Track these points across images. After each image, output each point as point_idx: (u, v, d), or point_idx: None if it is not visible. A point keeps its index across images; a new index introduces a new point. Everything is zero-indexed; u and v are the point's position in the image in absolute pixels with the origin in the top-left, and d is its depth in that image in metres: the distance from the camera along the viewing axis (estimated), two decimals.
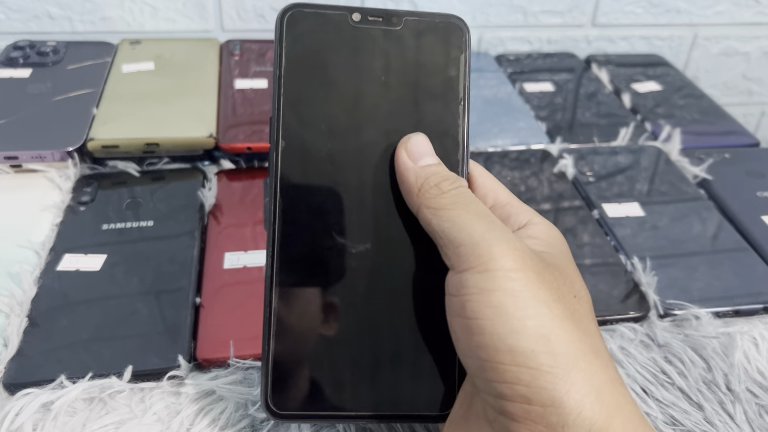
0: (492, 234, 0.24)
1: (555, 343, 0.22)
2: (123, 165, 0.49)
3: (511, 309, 0.22)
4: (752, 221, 0.48)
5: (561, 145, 0.56)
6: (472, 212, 0.25)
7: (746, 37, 0.78)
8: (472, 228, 0.24)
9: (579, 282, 0.26)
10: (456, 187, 0.26)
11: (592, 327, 0.24)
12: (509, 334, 0.22)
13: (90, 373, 0.34)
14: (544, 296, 0.23)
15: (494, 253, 0.23)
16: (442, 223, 0.25)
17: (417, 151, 0.27)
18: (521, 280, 0.23)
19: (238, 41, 0.65)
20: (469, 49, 0.28)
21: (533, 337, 0.22)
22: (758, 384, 0.37)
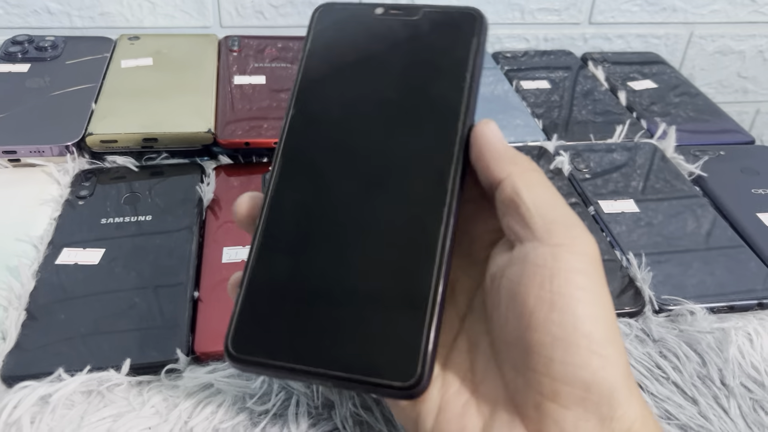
0: (580, 222, 0.25)
1: (616, 338, 0.23)
2: (122, 160, 0.50)
3: (594, 295, 0.23)
4: (747, 218, 0.49)
5: (557, 143, 0.57)
6: (560, 197, 0.25)
7: (741, 36, 0.79)
8: (564, 210, 0.25)
9: None
10: (540, 170, 0.27)
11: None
12: (591, 319, 0.22)
13: (88, 367, 0.34)
14: (608, 293, 0.24)
15: (586, 239, 0.24)
16: (536, 198, 0.25)
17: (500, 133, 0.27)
18: (601, 272, 0.24)
19: (237, 37, 0.65)
20: (483, 36, 0.29)
21: (607, 327, 0.22)
22: (752, 379, 0.37)
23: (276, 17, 0.68)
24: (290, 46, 0.64)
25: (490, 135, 0.27)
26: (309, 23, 0.31)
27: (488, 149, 0.26)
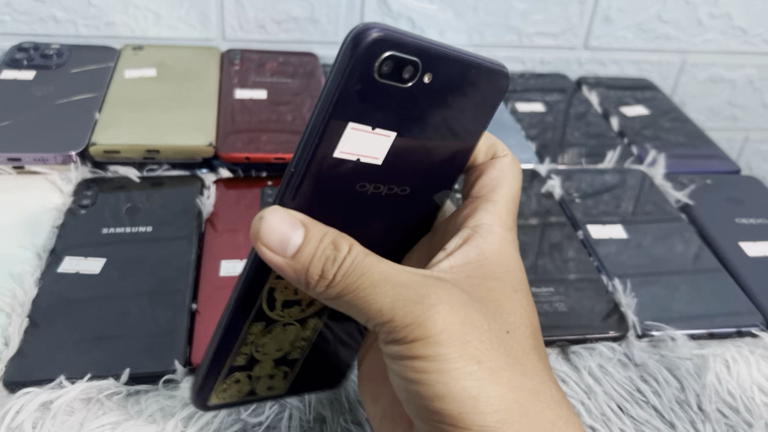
0: (402, 301, 0.22)
1: (484, 403, 0.22)
2: (123, 170, 0.51)
3: (435, 375, 0.22)
4: (730, 246, 0.50)
5: (549, 166, 0.58)
6: (371, 287, 0.23)
7: (732, 65, 0.81)
8: (378, 306, 0.23)
9: (514, 312, 0.25)
10: (339, 265, 0.23)
11: (531, 364, 0.24)
12: (435, 399, 0.22)
13: (88, 375, 0.35)
14: (473, 349, 0.22)
15: (413, 321, 0.22)
16: (349, 309, 0.24)
17: (277, 240, 0.23)
18: (446, 341, 0.22)
19: (239, 51, 0.66)
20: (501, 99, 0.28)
21: (459, 399, 0.22)
22: (728, 405, 0.39)
23: (278, 32, 0.69)
24: (291, 61, 0.66)
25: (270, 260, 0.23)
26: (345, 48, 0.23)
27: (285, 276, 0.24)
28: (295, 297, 0.28)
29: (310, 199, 0.24)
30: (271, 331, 0.29)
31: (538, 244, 0.49)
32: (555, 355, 0.41)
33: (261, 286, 0.27)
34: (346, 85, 0.22)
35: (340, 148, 0.24)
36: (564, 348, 0.42)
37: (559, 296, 0.44)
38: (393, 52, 0.22)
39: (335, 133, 0.23)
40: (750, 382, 0.40)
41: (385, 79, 0.23)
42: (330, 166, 0.24)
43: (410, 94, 0.24)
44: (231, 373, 0.29)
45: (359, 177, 0.25)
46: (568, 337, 0.42)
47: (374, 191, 0.26)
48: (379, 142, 0.25)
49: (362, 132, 0.24)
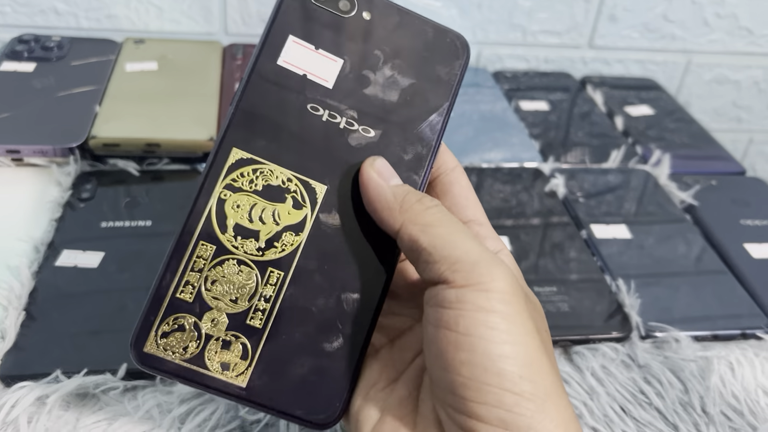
0: (487, 255, 0.24)
1: (537, 373, 0.22)
2: (123, 163, 0.50)
3: (505, 332, 0.22)
4: (735, 248, 0.50)
5: (553, 165, 0.58)
6: (461, 231, 0.25)
7: (738, 66, 0.80)
8: (467, 246, 0.24)
9: (544, 317, 0.27)
10: (437, 204, 0.26)
11: (554, 360, 0.25)
12: (500, 357, 0.22)
13: (85, 369, 0.35)
14: (530, 326, 0.23)
15: (494, 275, 0.23)
16: (434, 240, 0.24)
17: (386, 173, 0.27)
18: (515, 306, 0.23)
19: (241, 45, 0.65)
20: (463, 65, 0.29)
21: (522, 363, 0.22)
22: (732, 408, 0.38)
23: None
24: None
25: (376, 181, 0.26)
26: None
27: (377, 200, 0.26)
28: (251, 225, 0.26)
29: (261, 104, 0.27)
30: (223, 264, 0.26)
31: (540, 243, 0.48)
32: (557, 355, 0.41)
33: (209, 192, 0.26)
34: (283, 2, 0.27)
35: (283, 57, 0.27)
36: (566, 348, 0.41)
37: (562, 296, 0.44)
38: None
39: (277, 42, 0.27)
40: (754, 385, 0.39)
41: (320, 4, 0.28)
42: (275, 73, 0.27)
43: (351, 26, 0.28)
44: (175, 310, 0.26)
45: (309, 96, 0.27)
46: (570, 337, 0.41)
47: (330, 119, 0.27)
48: (325, 65, 0.27)
49: (305, 48, 0.27)
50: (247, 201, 0.26)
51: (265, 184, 0.27)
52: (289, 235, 0.27)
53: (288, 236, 0.27)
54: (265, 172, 0.27)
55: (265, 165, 0.27)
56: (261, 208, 0.26)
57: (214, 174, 0.26)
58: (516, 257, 0.46)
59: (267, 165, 0.27)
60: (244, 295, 0.26)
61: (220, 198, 0.26)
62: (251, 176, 0.26)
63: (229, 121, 0.27)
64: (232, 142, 0.26)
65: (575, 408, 0.37)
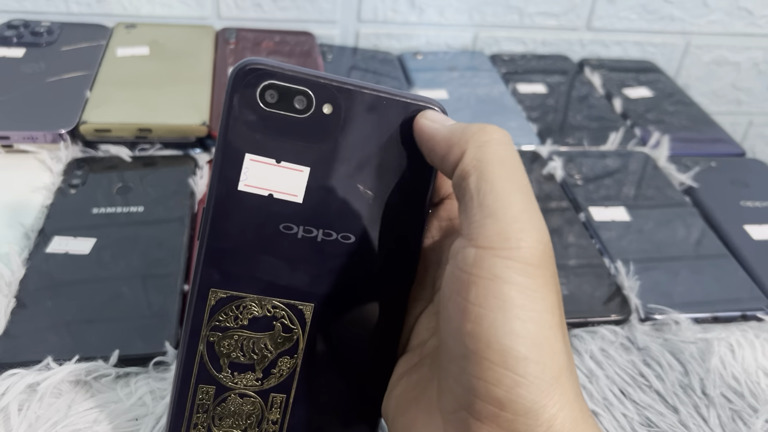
0: (526, 215, 0.21)
1: (548, 354, 0.20)
2: (115, 149, 0.49)
3: (518, 307, 0.20)
4: (735, 230, 0.49)
5: (551, 147, 0.57)
6: (516, 181, 0.22)
7: (737, 47, 0.79)
8: (510, 201, 0.21)
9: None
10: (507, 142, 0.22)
11: (567, 337, 0.23)
12: (507, 334, 0.20)
13: (76, 356, 0.34)
14: (552, 300, 0.21)
15: (522, 240, 0.21)
16: (481, 183, 0.21)
17: (440, 118, 0.24)
18: (539, 278, 0.21)
19: (234, 30, 0.65)
20: None
21: (530, 343, 0.20)
22: (732, 389, 0.38)
23: (274, 10, 0.67)
24: (287, 40, 0.64)
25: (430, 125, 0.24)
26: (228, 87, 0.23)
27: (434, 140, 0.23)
28: (245, 360, 0.26)
29: (230, 237, 0.24)
30: (226, 400, 0.26)
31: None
32: None
33: (197, 337, 0.25)
34: (231, 113, 0.23)
35: (243, 180, 0.24)
36: None
37: (561, 279, 0.43)
38: (273, 81, 0.23)
39: (234, 164, 0.23)
40: (755, 367, 0.39)
41: (274, 108, 0.23)
42: (238, 201, 0.24)
43: (312, 126, 0.24)
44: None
45: (280, 216, 0.24)
46: (569, 320, 0.41)
47: (306, 235, 0.25)
48: (291, 178, 0.24)
49: (266, 165, 0.24)
50: (236, 338, 0.25)
51: (251, 317, 0.25)
52: (284, 360, 0.26)
53: (284, 361, 0.26)
54: (248, 306, 0.25)
55: (246, 298, 0.25)
56: (251, 341, 0.26)
57: (197, 319, 0.25)
58: None
59: (248, 297, 0.25)
60: (253, 423, 0.27)
61: (209, 341, 0.25)
62: (235, 312, 0.25)
63: (201, 262, 0.24)
64: (209, 284, 0.25)
65: None
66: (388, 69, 0.67)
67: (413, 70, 0.67)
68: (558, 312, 0.21)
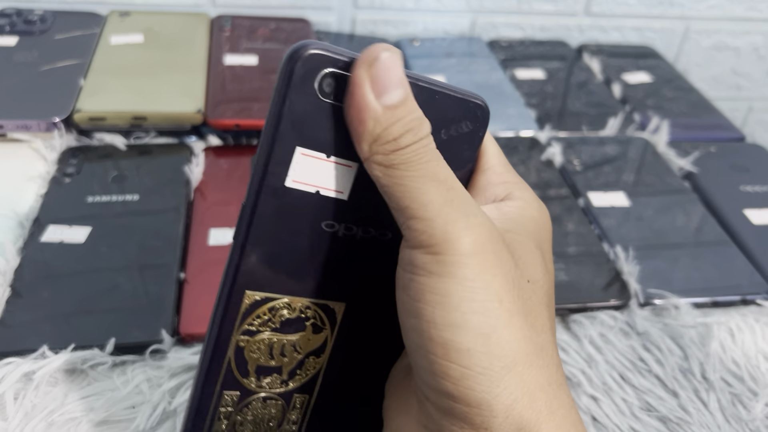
0: (449, 208, 0.20)
1: (495, 344, 0.20)
2: (110, 138, 0.49)
3: (457, 300, 0.20)
4: (734, 214, 0.49)
5: (549, 133, 0.57)
6: (430, 177, 0.21)
7: (737, 32, 0.79)
8: (427, 198, 0.20)
9: (538, 267, 0.23)
10: (417, 140, 0.21)
11: (541, 319, 0.22)
12: (447, 327, 0.20)
13: (72, 345, 0.34)
14: (498, 286, 0.21)
15: (450, 233, 0.20)
16: (393, 188, 0.21)
17: (385, 81, 0.21)
18: (476, 267, 0.20)
19: (229, 17, 0.64)
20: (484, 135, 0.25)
21: (473, 334, 0.20)
22: (732, 373, 0.38)
23: None
24: (283, 27, 0.64)
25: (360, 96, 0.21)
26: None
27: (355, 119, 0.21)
28: (272, 363, 0.25)
29: (271, 237, 0.22)
30: (249, 405, 0.25)
31: None
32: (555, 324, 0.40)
33: (227, 341, 0.24)
34: (285, 104, 0.21)
35: (292, 176, 0.22)
36: (564, 317, 0.41)
37: (559, 265, 0.43)
38: (332, 69, 0.21)
39: (283, 159, 0.21)
40: (755, 351, 0.39)
41: (330, 98, 0.21)
42: (284, 197, 0.22)
43: None
44: None
45: (323, 213, 0.23)
46: (568, 305, 0.40)
47: (346, 233, 0.24)
48: (339, 174, 0.22)
49: (316, 159, 0.22)
50: (266, 342, 0.24)
51: (283, 320, 0.24)
52: (311, 360, 0.25)
53: (310, 361, 0.25)
54: (281, 307, 0.24)
55: (280, 299, 0.24)
56: (281, 344, 0.24)
57: (228, 322, 0.23)
58: None
59: (282, 298, 0.24)
60: (273, 427, 0.26)
61: (238, 346, 0.24)
62: (268, 315, 0.24)
63: (238, 262, 0.23)
64: (244, 285, 0.23)
65: (573, 376, 0.36)
66: None
67: (411, 57, 0.66)
68: (509, 298, 0.21)
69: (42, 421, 0.31)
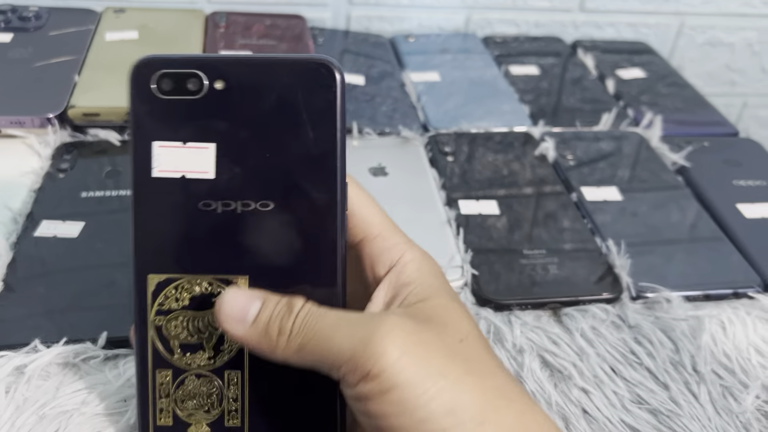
0: (359, 335, 0.23)
1: (461, 412, 0.22)
2: (104, 134, 0.49)
3: (412, 400, 0.22)
4: (727, 209, 0.49)
5: (543, 128, 0.57)
6: (327, 329, 0.24)
7: (731, 27, 0.79)
8: (338, 344, 0.23)
9: (461, 321, 0.25)
10: (296, 315, 0.24)
11: (488, 365, 0.24)
12: (418, 425, 0.22)
13: (64, 338, 0.34)
14: (437, 366, 0.23)
15: (373, 355, 0.22)
16: (312, 357, 0.24)
17: (238, 311, 0.25)
18: (410, 365, 0.22)
19: (224, 13, 0.64)
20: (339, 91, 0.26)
21: (441, 416, 0.22)
22: (723, 366, 0.38)
23: None
24: (278, 24, 0.64)
25: (235, 336, 0.25)
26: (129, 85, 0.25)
27: (251, 347, 0.25)
28: (193, 339, 0.26)
29: (155, 223, 0.26)
30: (185, 382, 0.27)
31: (533, 213, 0.47)
32: (547, 318, 0.40)
33: (145, 323, 0.26)
34: (133, 108, 0.25)
35: (156, 167, 0.25)
36: (556, 310, 0.41)
37: (552, 259, 0.43)
38: (164, 70, 0.25)
39: (144, 153, 0.25)
40: (746, 344, 0.39)
41: (171, 95, 0.25)
42: (155, 187, 0.25)
43: (209, 104, 0.25)
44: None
45: (196, 194, 0.26)
46: (560, 299, 0.41)
47: (225, 209, 0.26)
48: (199, 156, 0.25)
49: (173, 148, 0.25)
50: (181, 319, 0.26)
51: (190, 297, 0.26)
52: None
53: None
54: (185, 286, 0.26)
55: (182, 278, 0.26)
56: (196, 320, 0.26)
57: (141, 306, 0.26)
58: (508, 227, 0.45)
59: (184, 277, 0.26)
60: (214, 402, 0.27)
61: (156, 326, 0.26)
62: (175, 294, 0.26)
63: (134, 250, 0.26)
64: (145, 270, 0.26)
65: (564, 369, 0.36)
66: (380, 52, 0.66)
67: (405, 53, 0.67)
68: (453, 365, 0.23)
69: (33, 415, 0.31)
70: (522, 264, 0.43)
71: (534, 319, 0.40)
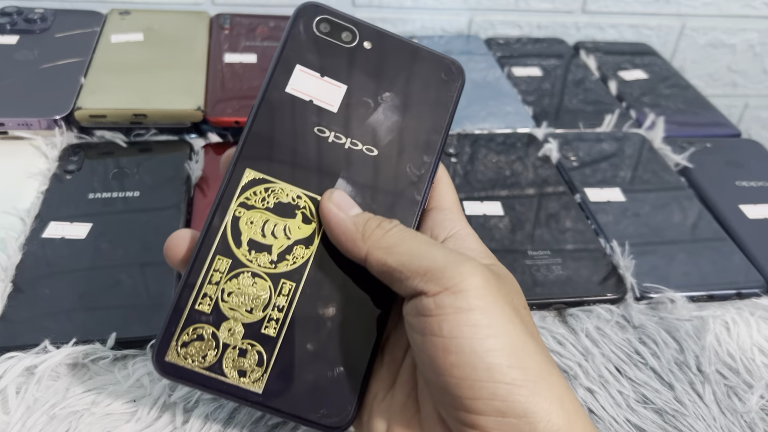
0: (452, 257, 0.24)
1: (524, 358, 0.23)
2: (110, 135, 0.49)
3: (486, 327, 0.23)
4: (730, 209, 0.49)
5: (546, 130, 0.57)
6: (424, 242, 0.26)
7: (733, 29, 0.79)
8: (433, 255, 0.25)
9: (520, 291, 0.27)
10: (396, 225, 0.26)
11: (539, 337, 0.25)
12: (487, 352, 0.23)
13: (74, 339, 0.34)
14: (509, 312, 0.24)
15: (463, 274, 0.24)
16: (401, 258, 0.25)
17: (345, 204, 0.27)
18: (491, 297, 0.24)
19: (229, 15, 0.64)
20: (460, 87, 0.30)
21: (507, 353, 0.23)
22: (728, 366, 0.38)
23: None
24: (282, 26, 0.64)
25: (335, 214, 0.27)
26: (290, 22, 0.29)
27: (339, 232, 0.27)
28: (264, 240, 0.27)
29: (271, 127, 0.28)
30: (239, 276, 0.27)
31: (536, 213, 0.48)
32: (552, 318, 0.40)
33: (225, 210, 0.27)
34: (290, 35, 0.29)
35: (291, 84, 0.29)
36: (561, 311, 0.41)
37: (556, 259, 0.43)
38: (326, 16, 0.30)
39: (285, 71, 0.29)
40: (750, 344, 0.39)
41: (325, 35, 0.29)
42: (284, 100, 0.29)
43: (353, 55, 0.30)
44: (194, 321, 0.26)
45: (316, 119, 0.29)
46: (565, 299, 0.41)
47: (336, 140, 0.29)
48: (330, 91, 0.29)
49: (311, 76, 0.29)
50: (260, 217, 0.28)
51: (276, 202, 0.28)
52: (299, 249, 0.28)
53: (299, 249, 0.28)
54: (276, 191, 0.28)
55: (276, 184, 0.28)
56: (273, 223, 0.28)
57: (229, 193, 0.27)
58: (512, 228, 0.46)
59: (278, 184, 0.28)
60: (259, 305, 0.27)
61: (234, 215, 0.27)
62: (263, 194, 0.28)
63: (243, 143, 0.28)
64: (246, 164, 0.28)
65: (570, 369, 0.37)
66: None
67: None
68: (518, 319, 0.24)
69: (44, 415, 0.31)
70: (526, 264, 0.43)
71: (539, 319, 0.40)
